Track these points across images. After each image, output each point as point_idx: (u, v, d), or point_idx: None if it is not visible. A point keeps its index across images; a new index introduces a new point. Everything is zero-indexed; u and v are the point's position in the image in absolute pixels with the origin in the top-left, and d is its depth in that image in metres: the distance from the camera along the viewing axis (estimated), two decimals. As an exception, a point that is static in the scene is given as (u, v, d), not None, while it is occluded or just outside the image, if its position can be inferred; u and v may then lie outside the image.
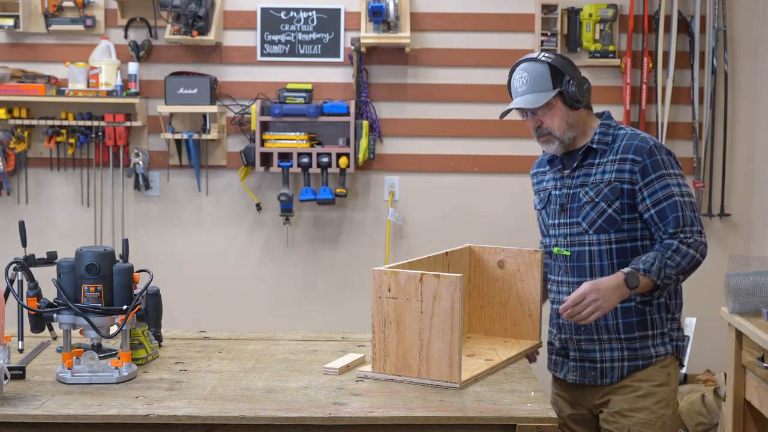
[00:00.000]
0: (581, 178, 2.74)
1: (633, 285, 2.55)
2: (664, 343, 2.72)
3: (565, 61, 2.73)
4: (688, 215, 2.64)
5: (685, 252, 2.60)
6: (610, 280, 2.56)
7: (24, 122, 4.71)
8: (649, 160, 2.65)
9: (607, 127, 2.76)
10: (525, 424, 2.18)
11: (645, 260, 2.58)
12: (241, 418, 2.18)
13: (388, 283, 2.41)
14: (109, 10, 4.79)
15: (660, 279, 2.57)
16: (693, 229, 2.64)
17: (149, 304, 2.46)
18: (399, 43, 4.63)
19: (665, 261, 2.58)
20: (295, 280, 4.92)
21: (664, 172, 2.65)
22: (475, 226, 4.85)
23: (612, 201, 2.66)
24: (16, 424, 2.18)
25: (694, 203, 2.68)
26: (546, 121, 2.72)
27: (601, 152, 2.72)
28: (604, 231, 2.68)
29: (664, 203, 2.63)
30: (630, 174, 2.66)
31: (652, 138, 2.72)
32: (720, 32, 4.71)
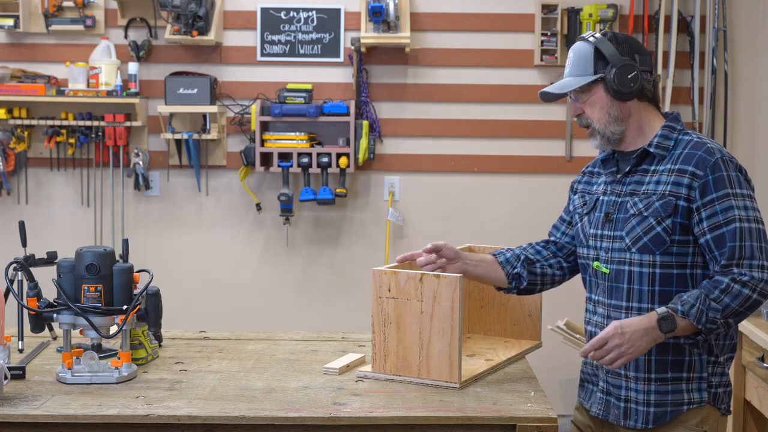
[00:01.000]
0: (632, 185, 2.38)
1: (667, 329, 2.22)
2: (700, 390, 2.34)
3: (620, 43, 2.36)
4: (750, 246, 2.24)
5: (737, 292, 2.22)
6: (640, 321, 2.23)
7: (24, 122, 4.71)
8: (713, 176, 2.27)
9: (671, 130, 2.38)
10: (525, 424, 2.18)
11: (685, 300, 2.23)
12: (241, 418, 2.17)
13: (388, 283, 2.41)
14: (109, 10, 4.79)
15: (702, 324, 2.22)
16: (753, 264, 2.23)
17: (149, 304, 2.46)
18: (399, 43, 4.63)
19: (709, 303, 2.22)
20: (295, 280, 4.92)
21: (729, 191, 2.26)
22: (475, 226, 4.85)
23: (662, 218, 2.30)
24: (16, 424, 2.18)
25: (762, 232, 2.27)
26: (587, 110, 2.39)
27: (659, 158, 2.35)
28: (649, 251, 2.31)
29: (723, 229, 2.25)
30: (688, 189, 2.28)
31: (721, 149, 2.32)
32: (720, 32, 4.71)
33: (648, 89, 2.37)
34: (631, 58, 2.34)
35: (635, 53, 2.35)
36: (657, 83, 2.41)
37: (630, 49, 2.35)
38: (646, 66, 2.36)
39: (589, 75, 2.35)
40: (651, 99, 2.39)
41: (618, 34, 2.40)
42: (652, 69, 2.39)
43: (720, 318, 2.22)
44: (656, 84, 2.40)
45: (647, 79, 2.36)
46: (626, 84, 2.33)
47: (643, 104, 2.39)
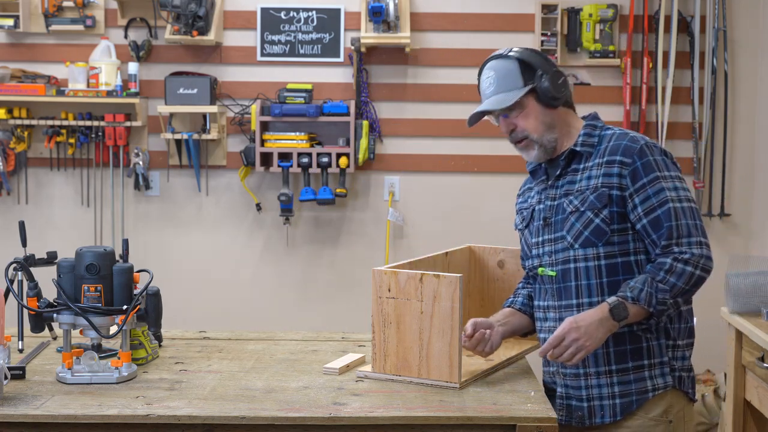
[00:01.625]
0: (565, 186, 2.42)
1: (620, 317, 2.26)
2: (663, 374, 2.37)
3: (538, 54, 2.44)
4: (685, 224, 2.30)
5: (681, 270, 2.28)
6: (593, 314, 2.27)
7: (24, 122, 4.71)
8: (640, 161, 2.33)
9: (592, 128, 2.44)
10: (525, 424, 2.18)
11: (633, 286, 2.27)
12: (241, 418, 2.17)
13: (388, 283, 2.41)
14: (109, 10, 4.79)
15: (653, 306, 2.27)
16: (691, 241, 2.30)
17: (149, 304, 2.46)
18: (399, 43, 4.63)
19: (656, 285, 2.27)
20: (295, 280, 4.92)
21: (659, 174, 2.33)
22: (475, 226, 4.85)
23: (599, 209, 2.33)
24: (16, 424, 2.18)
25: (695, 209, 2.35)
26: (520, 124, 2.43)
27: (586, 155, 2.40)
28: (592, 244, 2.35)
29: (658, 211, 2.30)
30: (619, 178, 2.33)
31: (643, 137, 2.40)
32: (720, 32, 4.71)
33: (569, 94, 2.46)
34: (549, 65, 2.42)
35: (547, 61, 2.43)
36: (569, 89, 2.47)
37: (543, 58, 2.44)
38: (560, 76, 2.44)
39: (519, 88, 2.40)
40: (570, 102, 2.48)
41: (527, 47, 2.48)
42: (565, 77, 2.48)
43: (669, 298, 2.27)
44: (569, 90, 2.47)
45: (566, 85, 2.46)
46: (559, 90, 2.40)
47: (565, 109, 2.46)
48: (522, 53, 2.43)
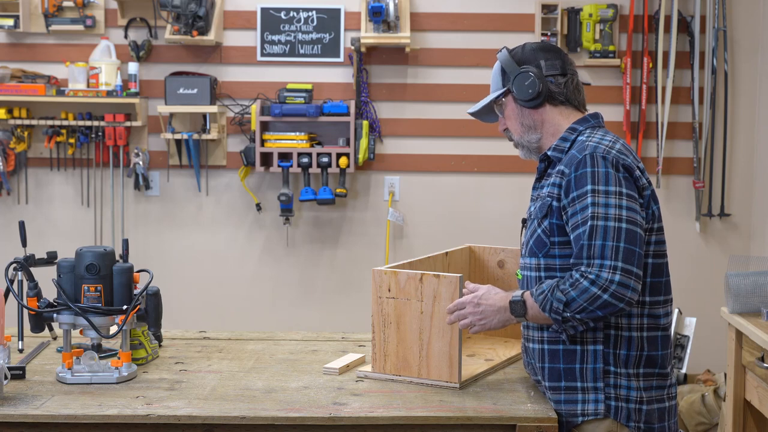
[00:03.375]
0: (538, 190, 2.36)
1: (517, 313, 2.21)
2: (596, 401, 2.20)
3: (528, 52, 2.34)
4: (600, 245, 2.10)
5: (584, 288, 2.09)
6: (497, 299, 2.25)
7: (24, 122, 4.71)
8: (575, 173, 2.18)
9: (571, 132, 2.31)
10: (525, 424, 2.18)
11: (540, 286, 2.18)
12: (241, 418, 2.17)
13: (388, 283, 2.41)
14: (109, 10, 4.79)
15: (546, 312, 2.15)
16: (604, 264, 2.08)
17: (149, 304, 2.46)
18: (399, 43, 4.63)
19: (555, 293, 2.13)
20: (295, 280, 4.92)
21: (591, 188, 2.14)
22: (475, 226, 4.85)
23: (540, 220, 2.25)
24: (16, 424, 2.18)
25: (625, 231, 2.11)
26: (507, 124, 2.42)
27: (556, 161, 2.30)
28: (534, 254, 2.27)
29: (579, 228, 2.14)
30: (558, 189, 2.22)
31: (599, 147, 2.20)
32: (720, 32, 4.71)
33: (558, 92, 2.31)
34: (534, 65, 2.30)
35: (540, 59, 2.31)
36: (570, 83, 2.33)
37: (533, 55, 2.32)
38: (554, 69, 2.31)
39: (498, 89, 2.38)
40: (566, 101, 2.33)
41: (530, 44, 2.37)
42: (566, 70, 2.33)
43: (564, 310, 2.11)
44: (569, 84, 2.32)
45: (556, 83, 2.31)
46: (524, 92, 2.30)
47: (558, 108, 2.34)
48: (502, 56, 2.36)
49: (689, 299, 4.54)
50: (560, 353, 2.24)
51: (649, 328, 2.22)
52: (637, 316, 2.21)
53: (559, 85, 2.31)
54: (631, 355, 2.21)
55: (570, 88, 2.33)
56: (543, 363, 2.27)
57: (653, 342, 2.22)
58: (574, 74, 2.36)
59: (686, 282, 4.75)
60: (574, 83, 2.34)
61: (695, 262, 4.84)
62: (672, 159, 4.83)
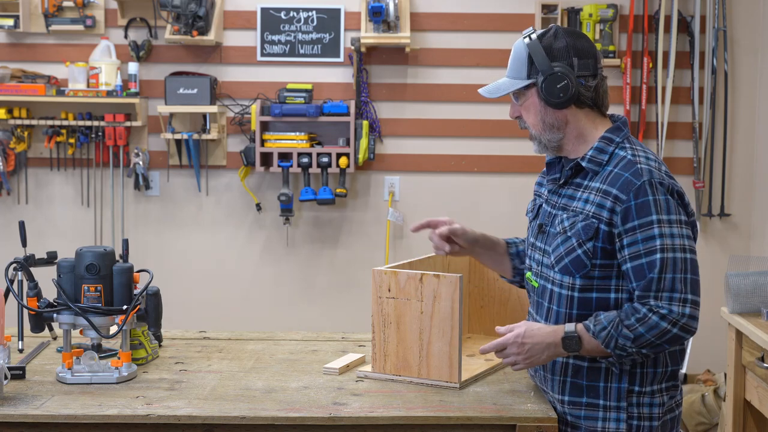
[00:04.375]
0: (565, 199, 2.23)
1: (571, 349, 2.12)
2: (618, 420, 2.16)
3: (561, 45, 2.18)
4: (671, 278, 2.05)
5: (654, 324, 2.04)
6: (544, 335, 2.14)
7: (24, 122, 4.71)
8: (635, 201, 2.08)
9: (607, 142, 2.19)
10: (525, 424, 2.18)
11: (599, 321, 2.09)
12: (241, 418, 2.17)
13: (388, 283, 2.41)
14: (109, 10, 4.79)
15: (611, 349, 2.08)
16: (673, 296, 2.04)
17: (149, 304, 2.45)
18: (399, 43, 4.63)
19: (621, 329, 2.06)
20: (295, 280, 4.92)
21: (653, 218, 2.07)
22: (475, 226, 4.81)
23: (584, 241, 2.14)
24: (16, 424, 2.18)
25: (690, 261, 2.07)
26: (523, 114, 2.26)
27: (592, 173, 2.18)
28: (569, 273, 2.17)
29: (643, 258, 2.07)
30: (610, 213, 2.10)
31: (652, 171, 2.11)
32: (720, 32, 4.71)
33: (587, 95, 2.19)
34: (566, 62, 2.16)
35: (573, 56, 2.17)
36: (600, 87, 2.21)
37: (566, 52, 2.17)
38: (586, 70, 2.18)
39: (522, 79, 2.21)
40: (593, 104, 2.22)
41: (562, 32, 2.20)
42: (597, 71, 2.21)
43: (631, 346, 2.06)
44: (598, 88, 2.21)
45: (586, 85, 2.19)
46: (555, 94, 2.17)
47: (584, 111, 2.21)
48: (533, 45, 2.18)
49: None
50: (584, 369, 2.19)
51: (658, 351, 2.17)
52: None
53: (589, 89, 2.19)
54: (658, 372, 2.18)
55: (599, 92, 2.22)
56: (564, 377, 2.21)
57: (675, 356, 2.20)
58: (604, 77, 2.24)
59: (686, 282, 4.74)
60: (604, 87, 2.23)
61: (695, 262, 4.83)
62: (672, 159, 4.82)
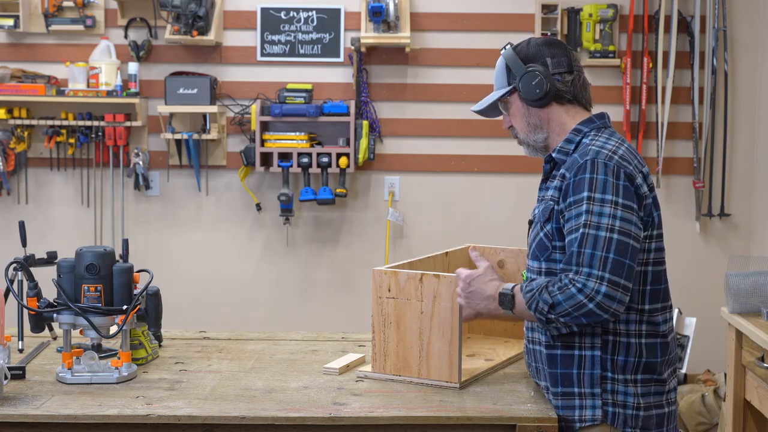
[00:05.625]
0: (543, 191, 2.30)
1: (505, 306, 2.20)
2: (593, 407, 2.18)
3: (533, 49, 2.29)
4: (589, 254, 2.06)
5: (571, 294, 2.05)
6: (488, 286, 2.25)
7: (24, 122, 4.71)
8: (574, 178, 2.14)
9: (576, 133, 2.26)
10: (525, 424, 2.18)
11: (530, 284, 2.15)
12: (241, 418, 2.17)
13: (388, 283, 2.41)
14: (109, 10, 4.80)
15: (532, 310, 2.12)
16: (591, 273, 2.05)
17: (149, 304, 2.46)
18: (399, 43, 4.63)
19: (542, 294, 2.10)
20: (295, 280, 4.92)
21: (588, 195, 2.10)
22: (475, 226, 4.85)
23: (543, 223, 2.21)
24: (16, 424, 2.18)
25: (615, 243, 2.07)
26: (512, 122, 2.35)
27: (561, 163, 2.25)
28: (536, 257, 2.24)
29: (573, 234, 2.10)
30: (559, 192, 2.18)
31: (600, 151, 2.16)
32: (720, 32, 4.71)
33: (564, 90, 2.27)
34: (540, 62, 2.26)
35: (546, 56, 2.26)
36: (577, 81, 2.28)
37: (539, 53, 2.27)
38: (560, 67, 2.26)
39: (504, 87, 2.32)
40: (573, 99, 2.29)
41: (535, 40, 2.32)
42: (573, 67, 2.29)
43: (549, 311, 2.08)
44: (575, 82, 2.28)
45: (563, 81, 2.26)
46: (531, 91, 2.25)
47: (564, 107, 2.29)
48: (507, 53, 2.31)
49: (689, 299, 4.54)
50: (558, 358, 2.22)
51: (648, 335, 2.19)
52: (636, 323, 2.19)
53: (566, 83, 2.27)
54: (629, 361, 2.18)
55: (577, 86, 2.29)
56: (542, 365, 2.26)
57: (652, 348, 2.20)
58: (581, 71, 2.32)
59: (686, 282, 4.74)
60: (581, 81, 2.30)
61: (695, 262, 4.84)
62: (672, 159, 4.83)
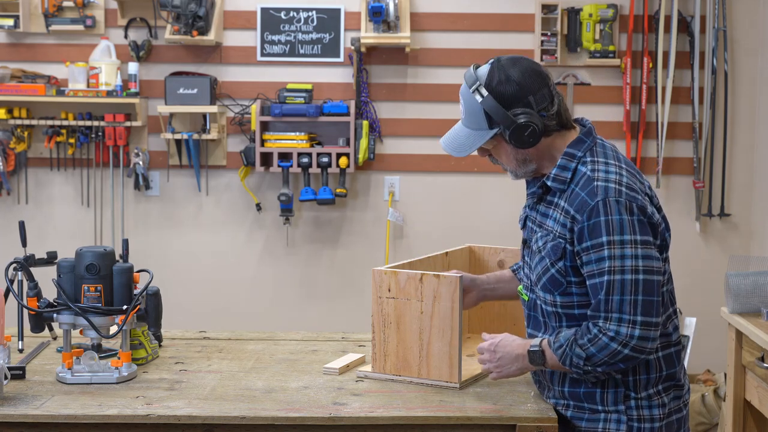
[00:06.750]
0: (540, 216, 2.24)
1: (536, 363, 2.19)
2: (618, 421, 2.17)
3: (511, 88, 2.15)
4: (618, 300, 2.05)
5: (604, 345, 2.06)
6: (515, 347, 2.23)
7: (24, 122, 4.71)
8: (588, 222, 2.08)
9: (569, 158, 2.17)
10: (525, 424, 2.18)
11: (558, 338, 2.14)
12: (241, 418, 2.18)
13: (388, 283, 2.41)
14: (109, 10, 4.79)
15: (567, 365, 2.13)
16: (622, 318, 2.05)
17: (149, 304, 2.46)
18: (399, 43, 4.63)
19: (574, 348, 2.10)
20: (295, 280, 4.92)
21: (603, 240, 2.06)
22: (475, 226, 4.85)
23: (554, 261, 2.16)
24: (16, 424, 2.18)
25: (643, 282, 2.05)
26: (494, 153, 2.26)
27: (559, 192, 2.18)
28: (549, 291, 2.19)
29: (595, 279, 2.08)
30: (570, 233, 2.12)
31: (609, 187, 2.09)
32: (720, 32, 4.71)
33: (552, 125, 2.17)
34: (523, 103, 2.14)
35: (528, 95, 2.14)
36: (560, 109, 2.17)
37: (521, 92, 2.14)
38: (543, 101, 2.15)
39: (484, 130, 2.21)
40: (559, 128, 2.19)
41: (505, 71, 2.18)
42: (553, 94, 2.17)
43: (585, 365, 2.10)
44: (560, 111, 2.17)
45: (549, 115, 2.16)
46: (525, 141, 2.15)
47: (551, 136, 2.19)
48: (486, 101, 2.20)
49: (689, 299, 4.54)
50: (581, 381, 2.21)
51: (663, 347, 2.19)
52: None
53: (552, 116, 2.17)
54: (651, 378, 2.18)
55: (561, 114, 2.19)
56: (562, 387, 2.24)
57: (669, 359, 2.21)
58: (558, 93, 2.21)
59: (686, 282, 4.75)
60: (563, 105, 2.20)
61: (695, 262, 4.84)
62: (672, 159, 4.83)
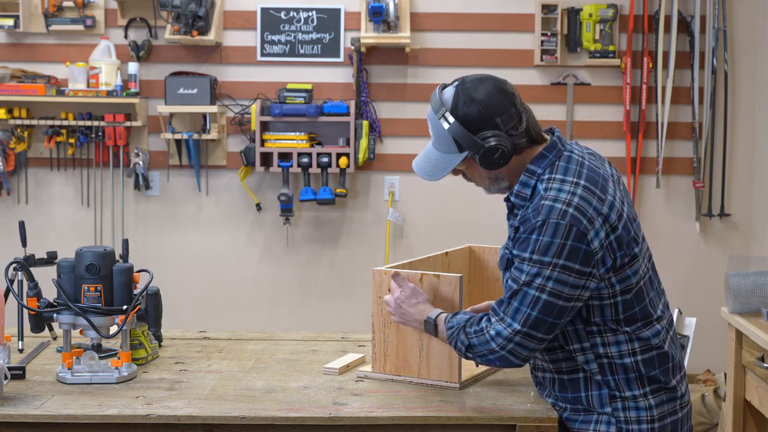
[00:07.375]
0: (510, 229, 2.25)
1: (430, 333, 2.27)
2: (608, 422, 2.18)
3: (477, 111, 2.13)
4: (515, 308, 2.09)
5: (485, 340, 2.12)
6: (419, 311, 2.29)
7: (24, 122, 4.71)
8: (524, 235, 2.10)
9: (530, 175, 2.17)
10: (525, 424, 2.18)
11: (454, 318, 2.21)
12: (241, 418, 2.18)
13: (389, 283, 2.41)
14: (109, 10, 4.79)
15: (452, 346, 2.21)
16: (510, 324, 2.09)
17: (149, 304, 2.46)
18: (399, 43, 4.63)
19: (460, 334, 2.17)
20: (295, 280, 4.92)
21: (527, 255, 2.08)
22: (475, 226, 4.85)
23: (503, 272, 2.24)
24: (16, 424, 2.18)
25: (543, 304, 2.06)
26: (467, 173, 2.29)
27: (519, 207, 2.21)
28: None
29: (511, 283, 2.13)
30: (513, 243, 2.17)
31: (555, 209, 2.07)
32: (720, 32, 4.71)
33: (521, 143, 2.16)
34: (491, 125, 2.12)
35: (495, 117, 2.13)
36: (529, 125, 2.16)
37: (487, 115, 2.13)
38: (511, 120, 2.14)
39: (455, 153, 2.19)
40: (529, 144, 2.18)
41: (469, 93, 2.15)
42: (521, 112, 2.16)
43: (467, 351, 2.17)
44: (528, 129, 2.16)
45: (518, 134, 2.15)
46: (495, 163, 2.15)
47: (522, 153, 2.18)
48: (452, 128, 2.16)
49: (689, 299, 4.54)
50: (566, 382, 2.22)
51: (642, 351, 2.17)
52: (626, 342, 2.16)
53: (521, 135, 2.16)
54: (631, 378, 2.17)
55: (530, 130, 2.18)
56: (555, 391, 2.26)
57: (650, 362, 2.18)
58: (526, 107, 2.19)
59: (686, 282, 4.75)
60: (532, 120, 2.19)
61: (695, 262, 4.84)
62: (672, 159, 4.83)
